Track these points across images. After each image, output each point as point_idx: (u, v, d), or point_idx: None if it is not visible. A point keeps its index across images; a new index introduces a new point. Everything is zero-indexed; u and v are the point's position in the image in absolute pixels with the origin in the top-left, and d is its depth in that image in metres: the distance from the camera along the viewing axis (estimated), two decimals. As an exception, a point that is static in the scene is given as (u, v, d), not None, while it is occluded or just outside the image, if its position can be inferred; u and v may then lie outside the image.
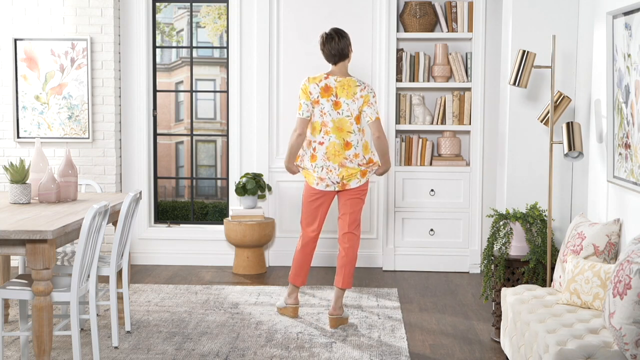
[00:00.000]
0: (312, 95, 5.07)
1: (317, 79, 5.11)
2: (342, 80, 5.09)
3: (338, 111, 5.06)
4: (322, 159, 5.08)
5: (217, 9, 7.10)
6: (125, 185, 6.94)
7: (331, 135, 5.06)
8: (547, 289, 4.25)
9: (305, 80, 5.14)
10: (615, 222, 4.10)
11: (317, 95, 5.06)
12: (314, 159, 5.11)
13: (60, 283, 4.25)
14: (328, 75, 5.11)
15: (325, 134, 5.08)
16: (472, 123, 6.68)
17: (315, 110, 5.08)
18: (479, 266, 6.28)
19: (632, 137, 3.97)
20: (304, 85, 5.12)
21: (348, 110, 5.06)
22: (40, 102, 6.71)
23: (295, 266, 5.28)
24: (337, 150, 5.07)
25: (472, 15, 6.62)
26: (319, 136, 5.09)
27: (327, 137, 5.07)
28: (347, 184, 5.11)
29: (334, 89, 5.07)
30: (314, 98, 5.06)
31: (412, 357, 4.56)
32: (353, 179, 5.11)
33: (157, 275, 6.53)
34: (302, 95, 5.11)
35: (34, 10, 6.68)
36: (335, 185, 5.11)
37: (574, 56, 5.02)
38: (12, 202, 4.70)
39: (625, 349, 3.14)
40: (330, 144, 5.06)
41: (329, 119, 5.06)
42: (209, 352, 4.56)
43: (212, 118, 7.35)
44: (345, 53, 5.10)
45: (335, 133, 5.07)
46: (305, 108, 5.09)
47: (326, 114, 5.06)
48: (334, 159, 5.07)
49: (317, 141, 5.10)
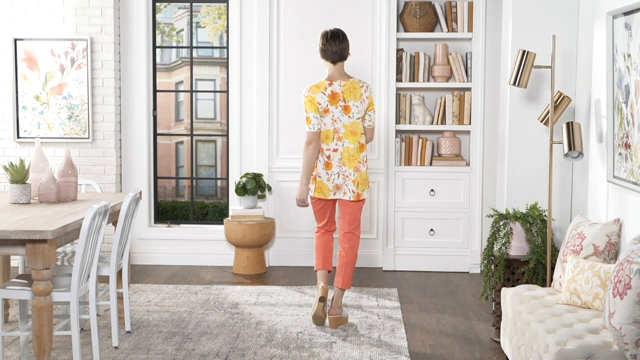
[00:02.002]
0: (321, 106, 5.00)
1: (322, 87, 5.02)
2: (347, 83, 5.06)
3: (349, 115, 5.04)
4: (338, 166, 5.06)
5: (217, 9, 7.10)
6: (125, 185, 6.94)
7: (344, 140, 5.04)
8: (547, 289, 4.26)
9: (307, 91, 5.04)
10: (615, 222, 4.10)
11: (327, 104, 5.01)
12: (329, 166, 5.06)
13: (60, 283, 4.25)
14: (331, 81, 5.05)
15: (338, 140, 5.04)
16: (472, 123, 6.68)
17: (326, 119, 5.02)
18: (479, 266, 6.28)
19: (632, 137, 3.97)
20: (309, 96, 5.01)
21: (357, 112, 5.05)
22: (40, 102, 6.71)
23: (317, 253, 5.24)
24: (351, 154, 5.05)
25: (472, 15, 6.62)
26: (332, 144, 5.04)
27: (341, 143, 5.04)
28: (361, 194, 5.12)
29: (341, 94, 5.03)
30: (324, 107, 5.00)
31: (412, 357, 4.56)
32: (365, 190, 5.13)
33: (157, 275, 6.53)
34: (310, 107, 5.00)
35: (34, 10, 6.68)
36: (351, 195, 5.08)
37: (574, 56, 5.02)
38: (12, 202, 4.70)
39: (625, 349, 3.14)
40: (344, 150, 5.04)
41: (341, 125, 5.03)
42: (209, 352, 4.56)
43: (212, 118, 7.35)
44: (345, 55, 5.09)
45: (348, 138, 5.04)
46: (315, 122, 5.00)
47: (337, 120, 5.02)
48: (349, 164, 5.05)
49: (331, 149, 5.05)
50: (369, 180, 5.24)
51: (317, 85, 5.04)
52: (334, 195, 5.10)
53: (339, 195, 5.10)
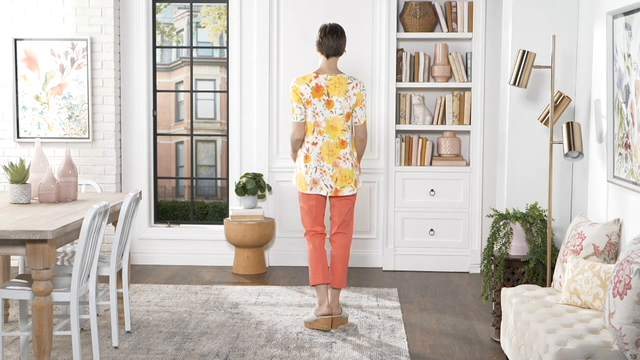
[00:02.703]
0: (304, 97, 4.99)
1: (307, 79, 5.02)
2: (333, 78, 5.03)
3: (331, 110, 5.01)
4: (316, 160, 5.02)
5: (217, 9, 7.10)
6: (125, 185, 6.94)
7: (325, 135, 5.01)
8: (547, 289, 4.25)
9: (294, 81, 5.05)
10: (615, 222, 4.10)
11: (309, 95, 5.00)
12: (307, 159, 5.04)
13: (60, 283, 4.25)
14: (317, 73, 5.04)
15: (318, 134, 5.02)
16: (472, 123, 6.68)
17: (308, 111, 5.01)
18: (479, 266, 6.28)
19: (632, 137, 3.97)
20: (293, 87, 5.03)
21: (341, 108, 5.02)
22: (40, 102, 6.71)
23: (311, 265, 5.09)
24: (331, 149, 5.02)
25: (472, 15, 6.62)
26: (312, 137, 5.03)
27: (321, 137, 5.01)
28: (340, 191, 5.05)
29: (325, 87, 5.01)
30: (306, 99, 4.99)
31: (412, 357, 4.56)
32: (347, 187, 5.05)
33: (157, 275, 6.53)
34: (294, 97, 5.03)
35: (34, 10, 6.68)
36: (328, 190, 5.03)
37: (574, 56, 5.02)
38: (12, 202, 4.70)
39: (625, 349, 3.14)
40: (324, 144, 5.01)
41: (322, 119, 5.01)
42: (209, 352, 4.56)
43: (212, 118, 7.35)
44: (340, 50, 5.07)
45: (329, 132, 5.02)
46: (298, 112, 5.02)
47: (319, 114, 5.01)
48: (328, 159, 5.02)
49: (310, 142, 5.03)
50: (357, 179, 5.11)
51: (304, 77, 5.05)
52: (310, 190, 5.03)
53: (316, 190, 5.03)
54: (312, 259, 5.10)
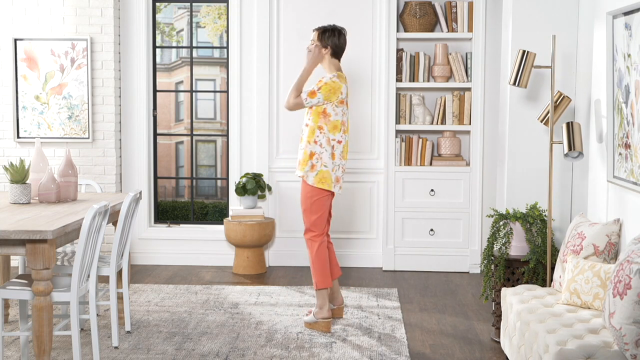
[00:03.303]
0: (342, 95, 5.01)
1: (344, 79, 5.05)
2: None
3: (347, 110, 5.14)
4: (339, 158, 5.07)
5: (217, 9, 7.10)
6: (125, 185, 6.94)
7: (347, 134, 5.10)
8: (547, 289, 4.26)
9: (335, 77, 4.97)
10: (615, 222, 4.10)
11: (345, 95, 5.05)
12: (334, 157, 5.04)
13: (60, 283, 4.25)
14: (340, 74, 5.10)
15: (343, 133, 5.06)
16: (472, 123, 6.68)
17: (339, 109, 5.02)
18: (479, 266, 6.28)
19: (632, 137, 3.97)
20: (336, 84, 4.94)
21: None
22: (40, 102, 6.71)
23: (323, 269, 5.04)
24: (348, 148, 5.18)
25: (472, 15, 6.62)
26: (339, 135, 5.04)
27: (345, 136, 5.07)
28: None
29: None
30: (342, 98, 5.01)
31: (412, 357, 4.56)
32: None
33: (157, 275, 6.53)
34: (332, 94, 4.92)
35: (34, 10, 6.68)
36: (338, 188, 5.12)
37: (574, 56, 5.02)
38: (12, 202, 4.70)
39: (625, 349, 3.15)
40: (345, 143, 5.10)
41: (347, 118, 5.10)
42: (209, 352, 4.56)
43: (212, 118, 7.35)
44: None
45: (348, 132, 5.14)
46: (315, 102, 4.93)
47: (346, 113, 5.08)
48: (345, 156, 5.13)
49: (336, 139, 5.04)
50: None
51: (341, 76, 5.04)
52: (334, 188, 5.06)
53: (336, 188, 5.06)
54: (324, 263, 5.07)
